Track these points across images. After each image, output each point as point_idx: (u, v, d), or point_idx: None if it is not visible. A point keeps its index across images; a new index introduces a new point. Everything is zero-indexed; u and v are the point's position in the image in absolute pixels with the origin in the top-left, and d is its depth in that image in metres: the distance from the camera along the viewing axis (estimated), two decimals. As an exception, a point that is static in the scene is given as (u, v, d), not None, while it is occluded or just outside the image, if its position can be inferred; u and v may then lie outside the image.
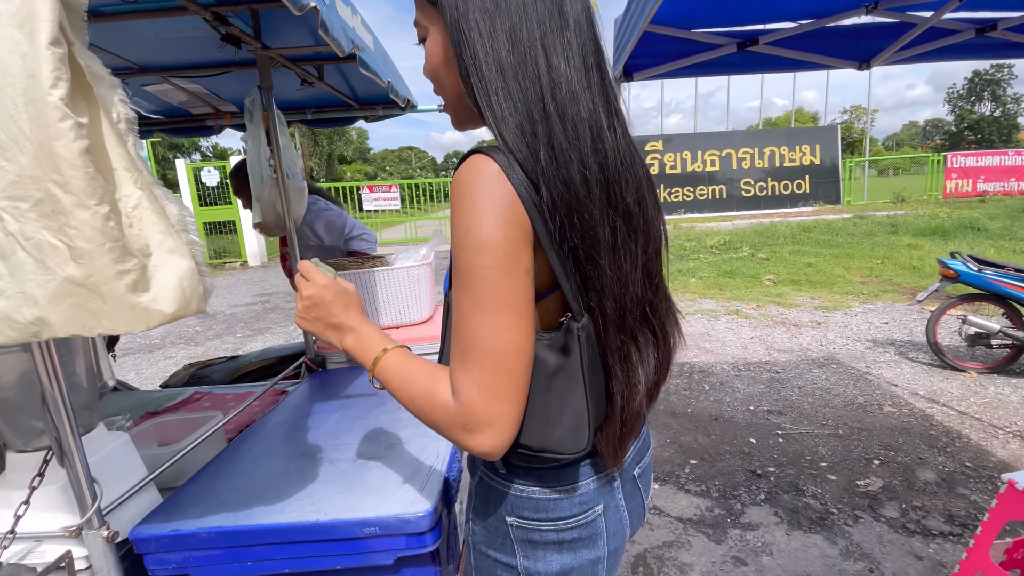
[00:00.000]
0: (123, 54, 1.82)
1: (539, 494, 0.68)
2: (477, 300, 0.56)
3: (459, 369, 0.58)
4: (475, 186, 0.56)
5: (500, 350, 0.56)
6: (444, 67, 0.65)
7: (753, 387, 3.60)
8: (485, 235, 0.55)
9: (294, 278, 0.82)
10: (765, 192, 14.06)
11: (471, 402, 0.56)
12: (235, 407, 1.52)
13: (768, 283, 6.64)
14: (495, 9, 0.58)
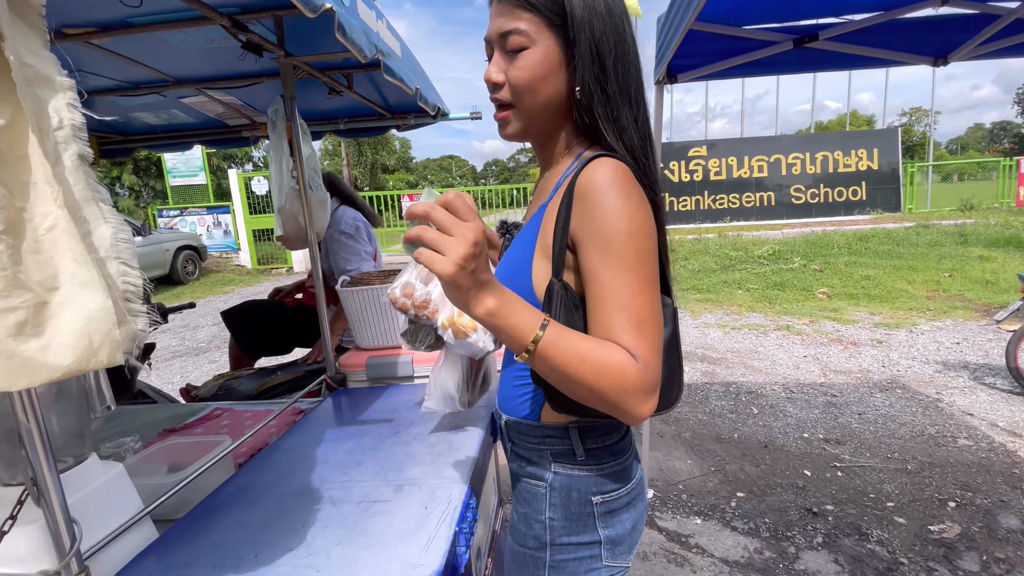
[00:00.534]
0: (158, 66, 1.82)
1: (614, 466, 0.78)
2: (644, 279, 0.64)
3: (638, 339, 0.62)
4: (625, 181, 0.66)
5: (660, 321, 0.66)
6: (548, 81, 0.71)
7: (807, 412, 3.33)
8: (644, 222, 0.65)
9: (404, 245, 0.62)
10: (817, 199, 13.36)
11: (654, 366, 0.63)
12: (253, 425, 1.46)
13: (822, 296, 6.23)
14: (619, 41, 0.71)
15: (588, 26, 0.68)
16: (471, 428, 1.23)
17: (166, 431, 1.55)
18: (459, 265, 0.54)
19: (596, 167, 0.66)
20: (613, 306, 0.64)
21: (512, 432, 0.83)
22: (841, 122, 44.71)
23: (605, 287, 0.64)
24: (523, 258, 0.74)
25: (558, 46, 0.70)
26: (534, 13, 0.69)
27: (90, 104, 2.19)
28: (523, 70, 0.70)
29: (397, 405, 1.43)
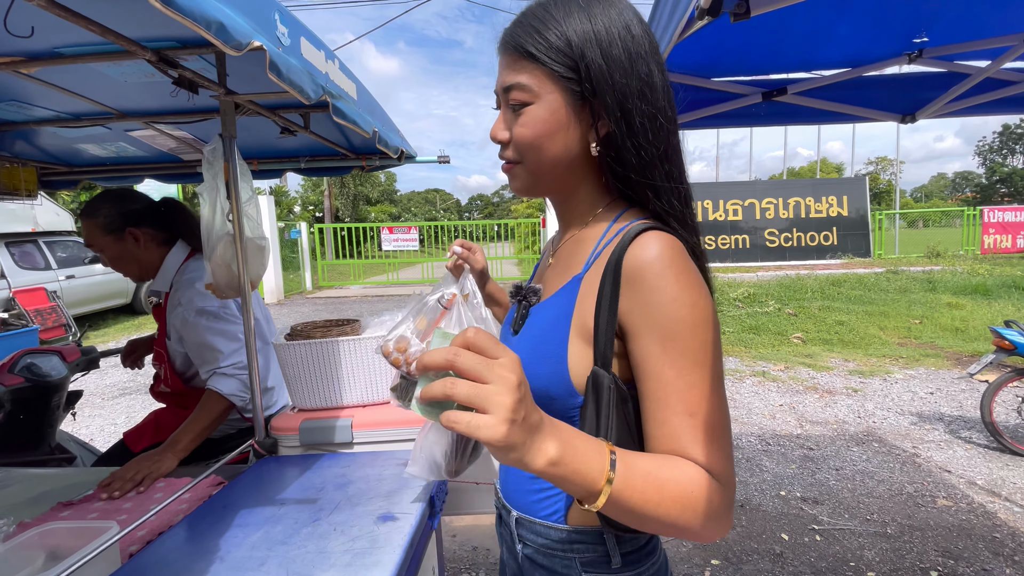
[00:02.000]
0: (99, 99, 1.70)
1: (651, 568, 0.68)
2: (714, 376, 0.57)
3: (713, 450, 0.55)
4: (681, 261, 0.58)
5: (729, 424, 0.58)
6: (555, 138, 0.64)
7: (784, 466, 3.21)
8: (708, 309, 0.57)
9: None
10: (791, 243, 13.68)
11: (731, 478, 0.56)
12: (163, 498, 1.28)
13: (796, 341, 6.23)
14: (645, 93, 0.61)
15: (607, 77, 0.60)
16: (403, 516, 1.07)
17: (61, 504, 1.35)
18: (510, 420, 0.42)
19: (647, 243, 0.59)
20: (681, 410, 0.55)
21: (525, 532, 0.71)
22: (812, 169, 46.64)
23: (669, 386, 0.56)
24: (556, 338, 0.64)
25: (565, 101, 0.63)
26: (536, 65, 0.62)
27: (30, 134, 2.07)
28: (526, 127, 0.64)
29: (326, 481, 1.26)
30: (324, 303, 10.87)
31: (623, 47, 0.60)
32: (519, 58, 0.63)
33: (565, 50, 0.61)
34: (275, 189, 26.61)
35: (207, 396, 1.53)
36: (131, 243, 1.64)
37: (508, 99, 0.65)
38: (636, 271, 0.58)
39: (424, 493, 1.16)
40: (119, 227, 1.63)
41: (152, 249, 1.67)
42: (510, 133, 0.66)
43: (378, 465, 1.34)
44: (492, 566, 2.33)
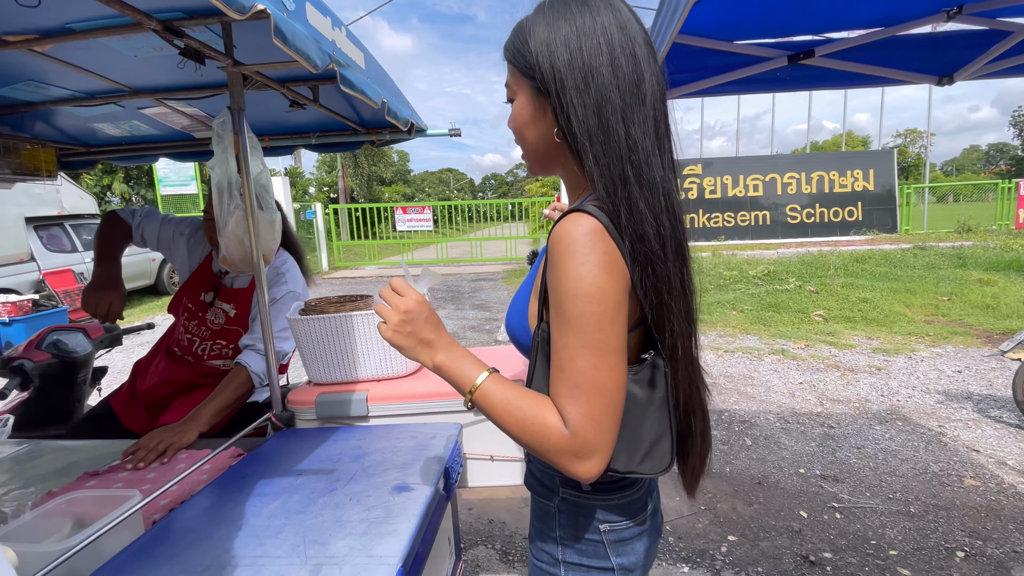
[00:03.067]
0: (111, 76, 1.69)
1: (621, 499, 0.79)
2: (587, 343, 0.64)
3: (570, 403, 0.65)
4: (583, 241, 0.65)
5: (608, 388, 0.65)
6: (528, 127, 0.77)
7: (803, 444, 3.17)
8: (597, 286, 0.64)
9: None
10: (813, 219, 13.34)
11: (583, 433, 0.64)
12: (185, 468, 1.30)
13: (818, 319, 6.10)
14: (585, 87, 0.68)
15: (552, 77, 0.70)
16: (417, 487, 1.07)
17: (87, 474, 1.39)
18: (394, 330, 0.74)
19: (564, 224, 0.67)
20: (555, 366, 0.67)
21: (527, 456, 0.91)
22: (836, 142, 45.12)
23: (554, 344, 0.67)
24: (524, 296, 0.80)
25: (532, 97, 0.74)
26: (513, 67, 0.76)
27: (48, 115, 2.08)
28: (512, 118, 0.79)
29: (342, 453, 1.27)
30: (341, 283, 10.97)
31: (570, 52, 0.69)
32: (508, 63, 0.78)
33: (528, 55, 0.73)
34: (290, 170, 26.74)
35: (236, 372, 1.60)
36: None
37: (506, 96, 0.80)
38: (551, 246, 0.68)
39: (439, 465, 1.16)
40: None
41: None
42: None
43: (393, 438, 1.34)
44: (508, 539, 2.36)
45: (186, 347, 1.82)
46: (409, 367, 1.58)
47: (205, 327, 1.80)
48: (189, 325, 1.81)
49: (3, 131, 2.07)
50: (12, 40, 1.33)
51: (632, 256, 0.66)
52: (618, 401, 0.66)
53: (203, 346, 1.80)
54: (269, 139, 2.42)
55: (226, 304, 1.78)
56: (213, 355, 1.80)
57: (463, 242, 14.64)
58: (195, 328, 1.81)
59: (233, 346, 1.78)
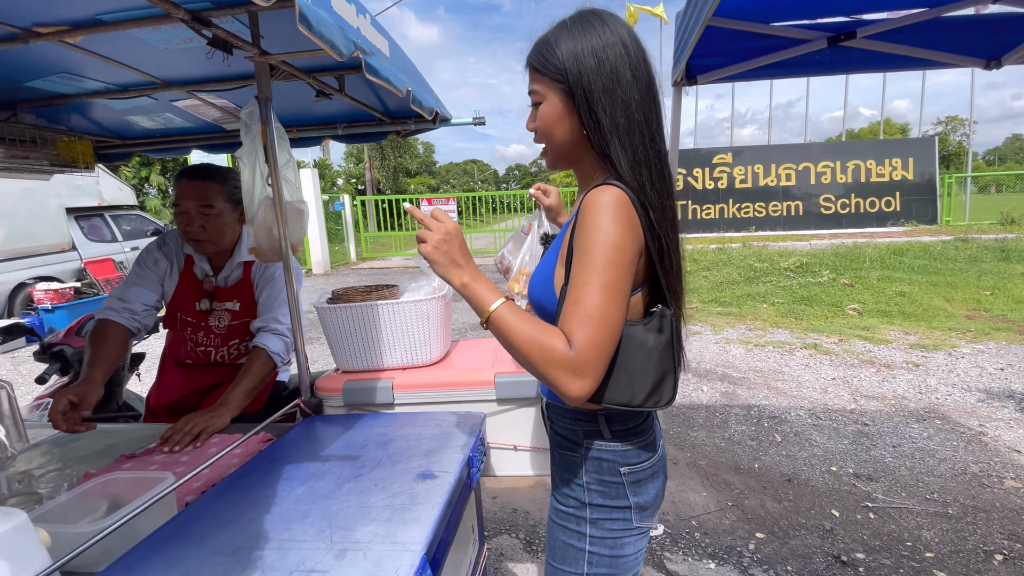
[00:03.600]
0: (143, 68, 1.72)
1: (636, 443, 0.93)
2: (605, 284, 0.77)
3: (578, 328, 0.76)
4: (612, 205, 0.79)
5: (613, 322, 0.77)
6: (557, 126, 0.89)
7: (836, 441, 3.08)
8: (621, 240, 0.78)
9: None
10: (848, 209, 12.89)
11: (585, 354, 0.75)
12: (216, 452, 1.33)
13: (852, 313, 5.91)
14: (612, 88, 0.83)
15: (579, 81, 0.83)
16: (441, 474, 1.07)
17: (124, 456, 1.44)
18: (433, 246, 0.86)
19: (594, 192, 0.81)
20: (571, 299, 0.79)
21: (551, 412, 1.01)
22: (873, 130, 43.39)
23: (573, 284, 0.80)
24: (549, 266, 0.91)
25: (561, 99, 0.87)
26: (543, 75, 0.88)
27: (84, 108, 2.14)
28: (540, 120, 0.91)
29: (367, 439, 1.28)
30: (368, 273, 11.12)
31: (597, 59, 0.83)
32: (533, 72, 0.90)
33: (557, 64, 0.85)
34: (318, 162, 27.15)
35: (256, 355, 1.60)
36: (238, 216, 1.74)
37: (531, 100, 0.92)
38: (582, 209, 0.81)
39: (462, 453, 1.16)
40: (239, 200, 1.67)
41: (238, 224, 1.77)
42: (535, 124, 0.93)
43: (418, 425, 1.34)
44: (531, 528, 2.36)
45: (203, 356, 1.78)
46: (434, 356, 1.58)
47: (213, 334, 1.76)
48: (196, 337, 1.76)
49: (40, 123, 2.13)
50: (44, 32, 1.37)
51: (650, 224, 0.82)
52: (617, 336, 0.79)
53: (221, 352, 1.78)
54: (297, 130, 2.44)
55: (228, 303, 1.75)
56: (233, 356, 1.78)
57: (487, 233, 14.66)
58: (204, 339, 1.77)
59: (248, 340, 1.76)
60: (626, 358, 0.83)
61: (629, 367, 0.84)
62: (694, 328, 5.68)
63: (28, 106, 1.99)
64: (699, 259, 8.74)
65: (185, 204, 1.67)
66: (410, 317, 1.52)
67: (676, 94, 1.98)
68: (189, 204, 1.66)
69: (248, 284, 1.75)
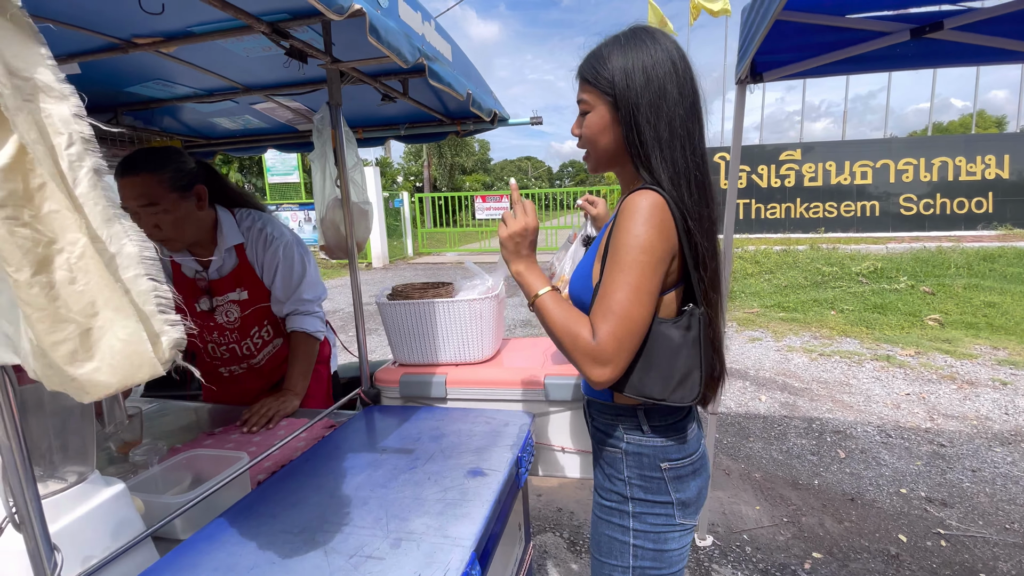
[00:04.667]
0: (227, 74, 1.86)
1: (676, 439, 0.97)
2: (630, 282, 0.83)
3: (602, 321, 0.84)
4: (647, 209, 0.85)
5: (634, 318, 0.84)
6: (602, 135, 0.95)
7: (907, 462, 2.88)
8: (649, 242, 0.84)
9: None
10: (932, 210, 11.89)
11: (605, 345, 0.83)
12: (285, 435, 1.44)
13: (932, 324, 5.48)
14: (658, 104, 0.89)
15: (627, 95, 0.89)
16: (491, 472, 1.10)
17: (205, 434, 1.57)
18: (509, 235, 0.97)
19: (633, 197, 0.87)
20: (601, 294, 0.86)
21: (592, 409, 1.06)
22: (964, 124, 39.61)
23: (603, 281, 0.87)
24: (589, 264, 0.97)
25: (608, 110, 0.92)
26: (593, 87, 0.94)
27: (174, 110, 2.33)
28: (587, 128, 0.97)
29: (422, 432, 1.33)
30: (423, 268, 11.41)
31: (646, 76, 0.88)
32: (584, 82, 0.96)
33: (608, 77, 0.91)
34: (380, 160, 28.06)
35: (301, 340, 1.63)
36: (194, 202, 1.50)
37: (579, 108, 0.98)
38: (621, 211, 0.87)
39: (511, 452, 1.19)
40: (187, 184, 1.48)
41: (206, 209, 1.56)
42: (580, 131, 0.99)
43: (469, 421, 1.39)
44: (576, 528, 2.37)
45: (230, 360, 1.71)
46: (485, 354, 1.62)
47: (228, 330, 1.65)
48: (212, 338, 1.66)
49: (136, 124, 2.34)
50: (141, 43, 1.50)
51: (687, 229, 0.87)
52: (640, 330, 0.85)
53: (245, 345, 1.69)
54: (363, 131, 2.55)
55: (231, 294, 1.62)
56: (259, 345, 1.70)
57: (541, 231, 14.67)
58: (220, 338, 1.67)
59: (269, 324, 1.68)
60: (654, 353, 0.88)
61: (656, 362, 0.89)
62: (754, 334, 5.45)
63: (127, 109, 2.18)
64: (762, 261, 8.36)
65: (128, 205, 1.42)
66: (464, 315, 1.56)
67: (740, 93, 1.91)
68: (131, 205, 1.42)
69: (248, 269, 1.62)
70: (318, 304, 1.68)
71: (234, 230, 1.62)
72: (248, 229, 1.63)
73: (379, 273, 11.24)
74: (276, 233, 1.63)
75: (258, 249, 1.62)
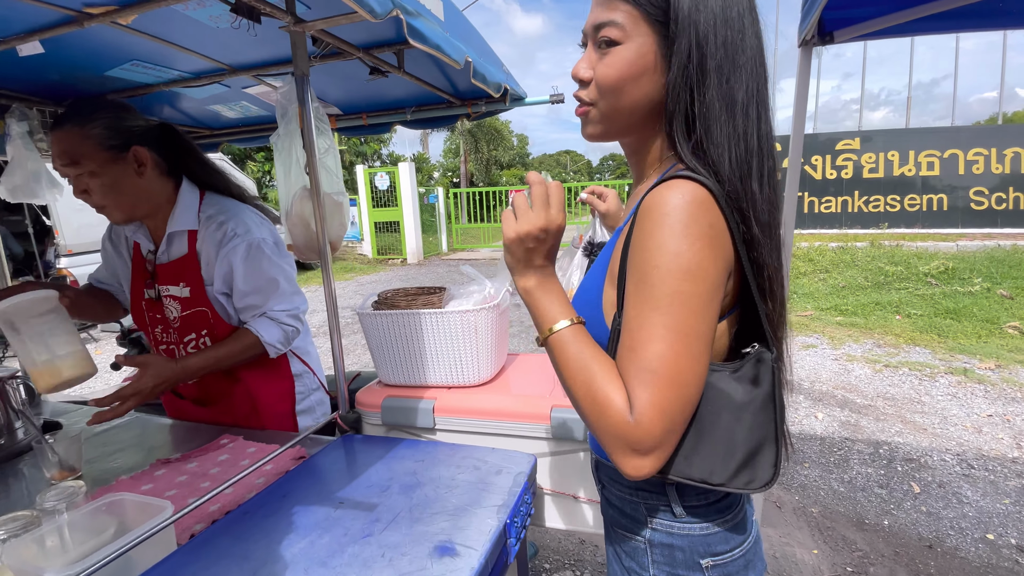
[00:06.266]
0: (207, 53, 1.67)
1: (721, 524, 0.69)
2: (673, 325, 0.56)
3: (641, 389, 0.57)
4: (690, 210, 0.57)
5: (686, 380, 0.57)
6: (638, 79, 0.64)
7: (993, 500, 2.44)
8: (696, 262, 0.57)
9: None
10: (1005, 205, 10.81)
11: (648, 425, 0.56)
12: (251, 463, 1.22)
13: (1012, 332, 4.85)
14: (736, 47, 0.61)
15: (692, 21, 0.60)
16: (465, 552, 0.83)
17: (159, 462, 1.37)
18: (517, 235, 0.64)
19: (664, 189, 0.59)
20: (626, 344, 0.59)
21: (603, 475, 0.79)
22: (1037, 112, 36.40)
23: (627, 323, 0.60)
24: (594, 286, 0.70)
25: (655, 44, 0.63)
26: (632, 5, 0.63)
27: (169, 98, 2.16)
28: (611, 67, 0.65)
29: (393, 478, 1.08)
30: (457, 263, 11.28)
31: (723, 6, 0.60)
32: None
33: None
34: (417, 156, 28.25)
35: (242, 332, 1.32)
36: (132, 167, 1.28)
37: (597, 37, 0.65)
38: (644, 214, 0.59)
39: (497, 519, 0.91)
40: (122, 143, 1.26)
41: (155, 179, 1.32)
42: (593, 72, 0.66)
43: (454, 464, 1.12)
44: (599, 566, 2.08)
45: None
46: (482, 376, 1.35)
47: (171, 329, 1.40)
48: (156, 332, 1.43)
49: (133, 113, 2.19)
50: (95, 12, 1.31)
51: (750, 240, 0.60)
52: (694, 397, 0.58)
53: (179, 353, 1.42)
54: (367, 116, 2.34)
55: (172, 287, 1.36)
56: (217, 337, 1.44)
57: (573, 225, 14.30)
58: (163, 335, 1.43)
59: (209, 337, 1.38)
60: (706, 417, 0.61)
61: (709, 429, 0.61)
62: (808, 340, 4.96)
63: (119, 96, 2.03)
64: (816, 259, 7.74)
65: (57, 167, 1.26)
66: (456, 330, 1.29)
67: (804, 57, 1.55)
68: (58, 166, 1.24)
69: (194, 264, 1.33)
70: (291, 316, 1.36)
71: (190, 213, 1.35)
72: (208, 218, 1.34)
73: (413, 269, 11.19)
74: (240, 230, 1.32)
75: (209, 244, 1.32)
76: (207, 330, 1.39)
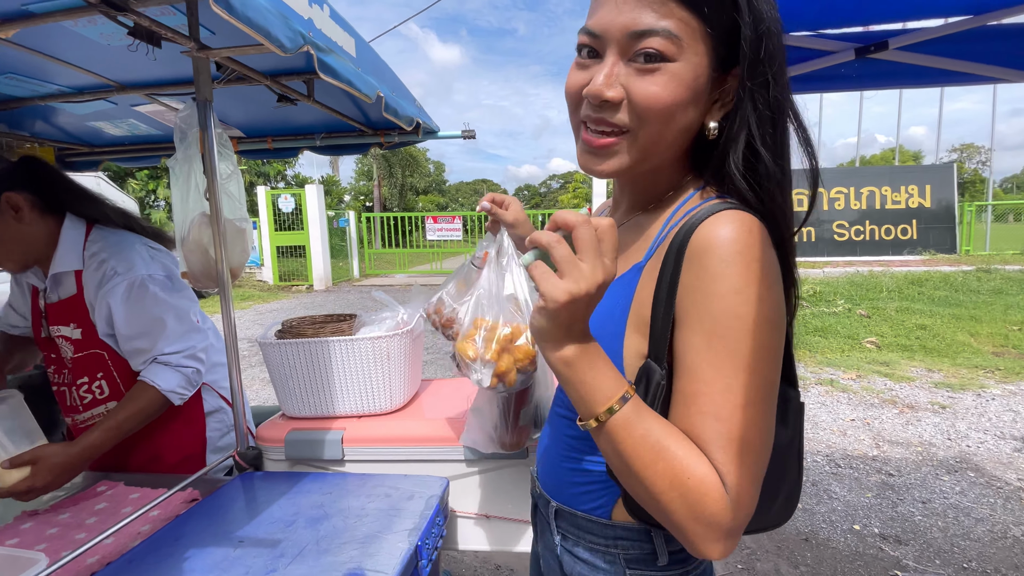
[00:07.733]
0: (94, 69, 1.56)
1: (696, 568, 0.65)
2: (761, 386, 0.50)
3: (734, 464, 0.48)
4: (757, 249, 0.50)
5: (769, 445, 0.51)
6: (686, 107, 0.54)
7: (858, 494, 2.78)
8: (774, 308, 0.51)
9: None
10: (862, 236, 12.61)
11: (749, 502, 0.49)
12: (132, 511, 1.11)
13: (870, 346, 5.60)
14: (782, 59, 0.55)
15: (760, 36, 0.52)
16: (380, 570, 0.83)
17: (25, 514, 1.22)
18: (571, 296, 0.47)
19: (722, 223, 0.51)
20: (709, 412, 0.50)
21: (564, 524, 0.68)
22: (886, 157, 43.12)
23: (705, 386, 0.50)
24: (611, 332, 0.59)
25: (709, 64, 0.53)
26: (692, 13, 0.51)
27: (44, 112, 1.97)
28: (665, 89, 0.52)
29: (299, 512, 1.05)
30: (370, 290, 10.96)
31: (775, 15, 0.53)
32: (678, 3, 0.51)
33: (731, 11, 0.51)
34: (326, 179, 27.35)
35: (139, 387, 1.23)
36: (10, 215, 1.21)
37: (635, 48, 0.52)
38: (701, 251, 0.51)
39: (408, 542, 0.92)
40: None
41: (36, 221, 1.25)
42: (625, 93, 0.53)
43: (364, 494, 1.11)
44: (516, 590, 2.10)
45: (61, 404, 1.37)
46: (395, 403, 1.35)
47: (65, 368, 1.32)
48: (51, 372, 1.36)
49: (0, 128, 1.98)
50: (-28, 27, 1.20)
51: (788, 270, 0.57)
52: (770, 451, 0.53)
53: (73, 397, 1.33)
54: (272, 140, 2.28)
55: (64, 327, 1.29)
56: (88, 403, 1.33)
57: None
58: (56, 376, 1.35)
59: (104, 381, 1.31)
60: None
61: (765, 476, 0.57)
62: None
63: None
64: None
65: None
66: (367, 357, 1.29)
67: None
68: None
69: (83, 304, 1.28)
70: (187, 357, 1.27)
71: (74, 252, 1.28)
72: (91, 256, 1.26)
73: (320, 296, 10.69)
74: (121, 268, 1.24)
75: (90, 285, 1.25)
76: (103, 373, 1.31)
